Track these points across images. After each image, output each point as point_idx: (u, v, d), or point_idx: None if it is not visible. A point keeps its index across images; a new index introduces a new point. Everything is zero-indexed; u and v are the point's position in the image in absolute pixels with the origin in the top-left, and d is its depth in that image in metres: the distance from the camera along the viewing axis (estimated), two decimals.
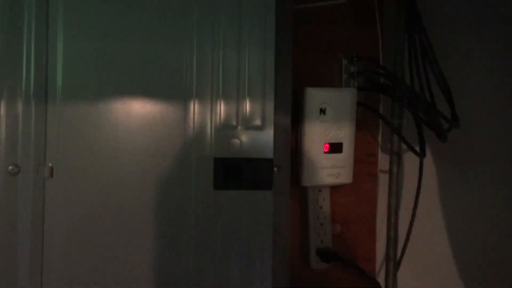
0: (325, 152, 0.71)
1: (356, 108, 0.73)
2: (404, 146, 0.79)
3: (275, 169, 0.65)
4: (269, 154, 0.61)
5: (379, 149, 0.82)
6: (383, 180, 0.81)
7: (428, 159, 0.79)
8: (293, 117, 0.70)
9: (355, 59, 0.77)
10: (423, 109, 0.70)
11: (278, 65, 0.65)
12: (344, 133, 0.72)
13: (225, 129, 0.61)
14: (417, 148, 0.75)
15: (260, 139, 0.61)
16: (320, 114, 0.70)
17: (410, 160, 0.80)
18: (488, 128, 0.90)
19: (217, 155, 0.60)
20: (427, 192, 0.87)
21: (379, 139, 0.82)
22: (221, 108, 0.61)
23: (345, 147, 0.72)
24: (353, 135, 0.72)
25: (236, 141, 0.61)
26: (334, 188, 0.77)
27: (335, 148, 0.71)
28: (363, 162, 0.79)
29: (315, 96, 0.70)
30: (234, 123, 0.61)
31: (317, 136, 0.71)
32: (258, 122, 0.61)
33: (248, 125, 0.61)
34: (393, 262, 0.78)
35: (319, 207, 0.75)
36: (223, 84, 0.61)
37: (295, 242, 0.75)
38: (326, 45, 0.77)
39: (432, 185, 0.88)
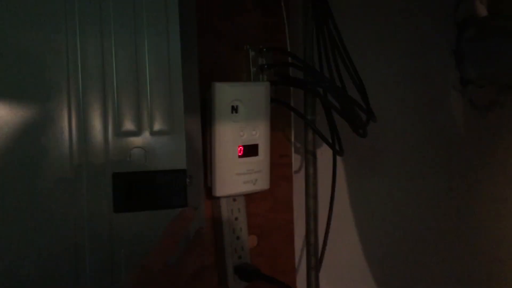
0: (239, 156, 0.62)
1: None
2: (318, 145, 0.73)
3: (188, 180, 0.55)
4: (181, 164, 0.50)
5: (292, 148, 0.75)
6: (296, 183, 0.75)
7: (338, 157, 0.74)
8: (202, 117, 0.61)
9: (264, 50, 0.69)
10: (343, 102, 0.64)
11: (182, 60, 0.54)
12: (259, 133, 0.63)
13: (124, 136, 0.49)
14: None
15: (169, 146, 0.50)
16: (232, 112, 0.61)
17: (322, 161, 0.75)
18: (393, 122, 0.88)
19: (116, 170, 0.47)
20: (341, 192, 0.82)
21: (292, 137, 0.75)
22: (117, 109, 0.49)
23: (261, 149, 0.64)
24: (268, 135, 0.64)
25: (139, 150, 0.49)
26: (248, 196, 0.68)
27: (250, 150, 0.63)
28: (277, 165, 0.71)
29: (225, 92, 0.61)
30: (134, 128, 0.49)
31: (229, 138, 0.61)
32: (164, 125, 0.50)
33: (152, 130, 0.50)
34: (315, 271, 0.71)
35: (234, 219, 0.66)
36: (118, 80, 0.49)
37: (210, 261, 0.65)
38: (232, 37, 0.69)
39: (344, 184, 0.84)
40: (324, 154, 0.74)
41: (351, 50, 0.67)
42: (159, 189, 0.49)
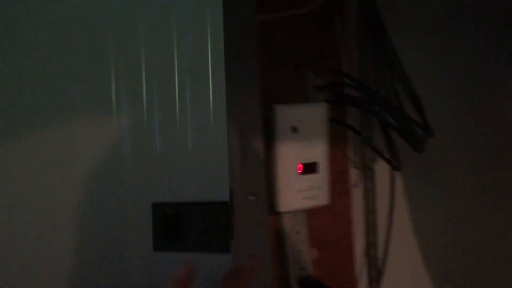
0: (300, 173, 0.66)
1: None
2: (375, 160, 0.76)
3: (253, 197, 0.59)
4: (223, 195, 0.45)
5: (350, 165, 0.78)
6: (355, 197, 0.77)
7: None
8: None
9: (323, 72, 0.73)
10: (399, 120, 0.67)
11: (245, 82, 0.59)
12: (319, 152, 0.67)
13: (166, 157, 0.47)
14: None
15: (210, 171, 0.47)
16: (292, 132, 0.65)
17: (379, 176, 0.77)
18: (451, 135, 0.89)
19: (155, 200, 0.44)
20: (400, 205, 0.84)
21: (349, 154, 0.78)
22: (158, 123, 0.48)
23: (320, 167, 0.67)
24: (327, 152, 0.68)
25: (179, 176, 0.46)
26: (308, 211, 0.71)
27: (309, 168, 0.66)
28: (335, 181, 0.74)
29: (286, 114, 0.65)
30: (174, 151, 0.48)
31: (290, 156, 0.65)
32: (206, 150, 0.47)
33: (193, 154, 0.46)
34: (376, 283, 0.74)
35: (296, 233, 0.69)
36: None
37: (273, 273, 0.69)
38: (290, 60, 0.73)
39: (402, 197, 0.85)
40: (382, 169, 0.76)
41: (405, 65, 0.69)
42: (197, 226, 0.44)
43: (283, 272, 0.69)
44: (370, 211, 0.74)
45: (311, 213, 0.72)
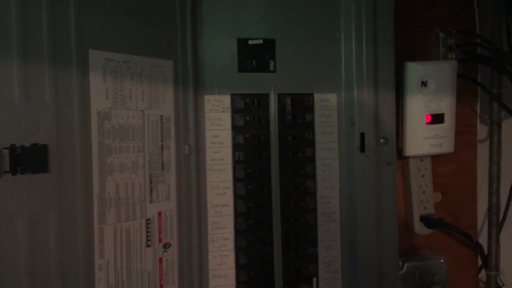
0: (427, 123, 0.74)
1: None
2: (503, 115, 0.80)
3: (382, 141, 0.69)
4: None
5: (478, 119, 0.84)
6: (481, 149, 0.83)
7: None
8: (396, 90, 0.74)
9: (454, 32, 0.79)
10: None
11: (380, 41, 0.69)
12: (446, 104, 0.75)
13: None
14: None
15: None
16: (421, 86, 0.73)
17: (506, 130, 0.82)
18: None
19: None
20: None
21: (477, 109, 0.83)
22: None
23: (446, 118, 0.75)
24: (454, 106, 0.75)
25: None
26: (433, 158, 0.80)
27: (437, 119, 0.74)
28: (462, 133, 0.81)
29: (416, 70, 0.73)
30: None
31: (418, 108, 0.74)
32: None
33: None
34: (496, 227, 0.80)
35: (421, 176, 0.79)
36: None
37: (399, 209, 0.79)
38: (424, 21, 0.80)
39: None
40: (509, 125, 0.81)
41: None
42: None
43: (408, 209, 0.79)
44: (494, 162, 0.80)
45: (437, 160, 0.80)
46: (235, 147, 0.67)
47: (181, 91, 0.64)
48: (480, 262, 0.83)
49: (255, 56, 0.67)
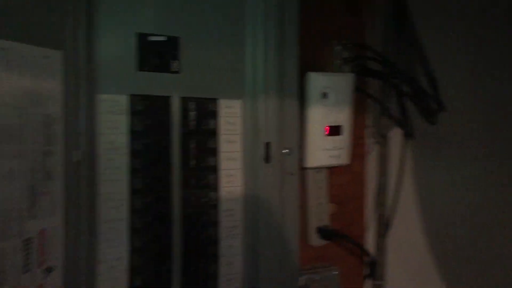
0: (326, 135, 0.74)
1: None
2: (390, 128, 0.84)
3: (286, 151, 0.67)
4: None
5: (368, 131, 0.86)
6: (370, 161, 0.86)
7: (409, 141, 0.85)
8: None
9: (348, 45, 0.81)
10: (416, 92, 0.75)
11: (285, 49, 0.67)
12: (343, 117, 0.75)
13: None
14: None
15: None
16: (322, 98, 0.73)
17: (393, 143, 0.86)
18: (463, 112, 0.97)
19: None
20: (408, 173, 0.93)
21: (367, 122, 0.86)
22: None
23: (344, 130, 0.75)
24: (351, 118, 0.76)
25: None
26: (329, 169, 0.80)
27: (335, 130, 0.75)
28: (354, 145, 0.83)
29: (317, 81, 0.73)
30: None
31: (319, 119, 0.74)
32: None
33: None
34: (382, 237, 0.83)
35: (318, 187, 0.78)
36: None
37: None
38: (319, 33, 0.80)
39: (411, 165, 0.94)
40: (396, 137, 0.85)
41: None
42: None
43: (304, 220, 0.78)
44: (382, 174, 0.83)
45: (332, 172, 0.81)
46: (133, 154, 0.59)
47: (71, 87, 0.55)
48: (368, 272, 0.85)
49: (157, 54, 0.61)
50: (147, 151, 0.60)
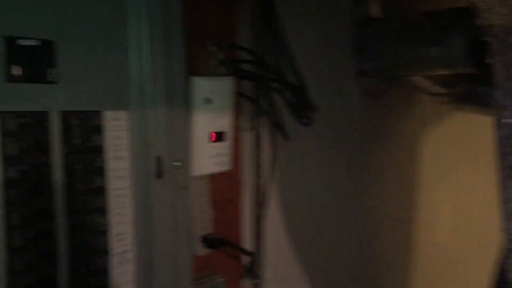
0: (212, 141, 0.72)
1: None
2: (266, 130, 0.85)
3: (177, 163, 0.63)
4: None
5: (245, 134, 0.86)
6: (247, 163, 0.86)
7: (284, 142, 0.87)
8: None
9: (223, 46, 0.78)
10: (296, 95, 0.77)
11: (171, 52, 0.63)
12: (227, 122, 0.74)
13: None
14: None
15: None
16: (206, 103, 0.70)
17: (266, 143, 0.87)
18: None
19: None
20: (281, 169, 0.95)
21: (243, 123, 0.86)
22: None
23: (228, 135, 0.74)
24: (234, 122, 0.75)
25: None
26: (211, 175, 0.78)
27: (220, 136, 0.73)
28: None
29: (201, 86, 0.70)
30: None
31: (204, 126, 0.71)
32: None
33: None
34: (259, 238, 0.85)
35: (201, 195, 0.76)
36: None
37: None
38: (192, 32, 0.76)
39: (284, 163, 0.96)
40: (268, 139, 0.86)
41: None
42: None
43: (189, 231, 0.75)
44: (258, 175, 0.84)
45: (213, 177, 0.79)
46: (8, 184, 0.49)
47: None
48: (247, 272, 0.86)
49: (30, 62, 0.51)
50: (24, 179, 0.50)
